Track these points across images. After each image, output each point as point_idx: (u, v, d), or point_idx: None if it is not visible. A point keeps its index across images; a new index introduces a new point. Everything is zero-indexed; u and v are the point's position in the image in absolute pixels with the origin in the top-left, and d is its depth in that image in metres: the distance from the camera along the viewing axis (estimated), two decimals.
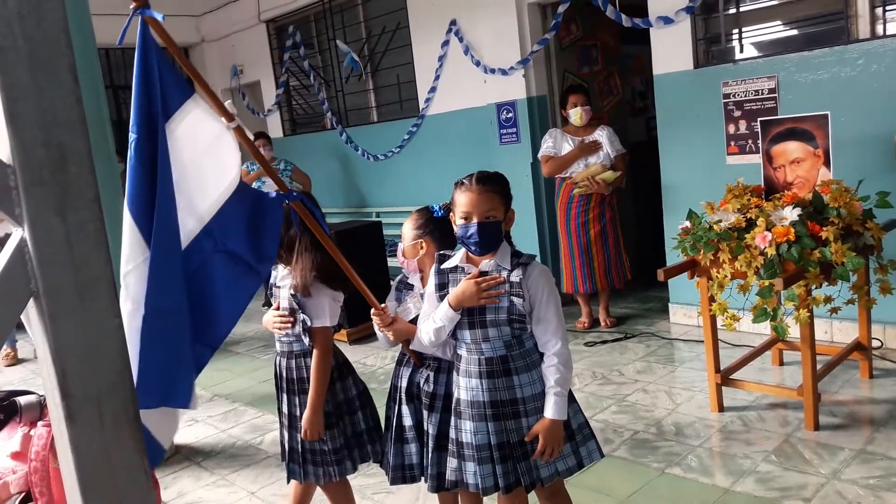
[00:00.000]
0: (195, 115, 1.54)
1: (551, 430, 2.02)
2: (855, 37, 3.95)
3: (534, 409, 2.05)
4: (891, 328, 4.01)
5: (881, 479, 2.75)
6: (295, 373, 2.44)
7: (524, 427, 2.05)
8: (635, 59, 6.39)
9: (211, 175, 1.57)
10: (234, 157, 1.60)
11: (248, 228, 1.65)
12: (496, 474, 2.05)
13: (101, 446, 0.89)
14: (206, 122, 1.56)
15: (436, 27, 6.09)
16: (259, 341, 5.80)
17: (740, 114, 4.38)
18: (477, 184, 2.03)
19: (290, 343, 2.44)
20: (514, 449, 2.05)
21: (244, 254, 1.64)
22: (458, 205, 2.05)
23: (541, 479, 2.09)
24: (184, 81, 1.56)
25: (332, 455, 2.43)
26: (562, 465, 2.10)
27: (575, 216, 4.97)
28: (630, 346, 4.66)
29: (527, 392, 2.05)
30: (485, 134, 5.87)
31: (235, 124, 1.59)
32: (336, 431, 2.43)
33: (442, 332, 2.08)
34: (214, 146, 1.57)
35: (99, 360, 0.89)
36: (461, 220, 2.04)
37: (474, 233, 2.01)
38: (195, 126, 1.54)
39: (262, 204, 1.71)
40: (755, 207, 3.21)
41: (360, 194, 7.40)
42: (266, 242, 1.70)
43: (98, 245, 0.89)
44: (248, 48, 8.24)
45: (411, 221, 2.32)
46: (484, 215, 2.01)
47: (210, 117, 1.57)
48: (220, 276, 1.62)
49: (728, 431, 3.31)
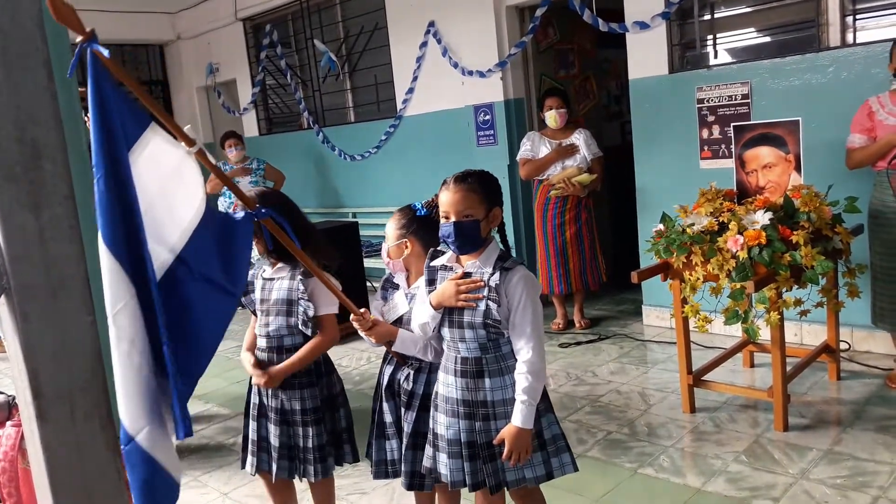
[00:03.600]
0: (155, 143, 1.51)
1: (517, 438, 2.00)
2: (826, 45, 4.03)
3: (503, 414, 2.04)
4: (858, 331, 4.08)
5: (848, 479, 2.81)
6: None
7: (493, 430, 2.04)
8: (611, 63, 6.45)
9: (178, 203, 1.55)
10: (198, 181, 1.57)
11: (219, 252, 1.63)
12: (465, 471, 2.07)
13: (72, 445, 0.89)
14: (166, 150, 1.53)
15: (414, 28, 6.09)
16: (232, 342, 5.75)
17: (714, 119, 4.44)
18: (455, 183, 2.03)
19: (281, 337, 2.41)
20: (481, 449, 2.06)
21: (218, 278, 1.62)
22: (440, 204, 2.06)
23: (506, 483, 2.09)
24: (140, 111, 1.53)
25: (317, 452, 2.43)
26: (529, 473, 2.09)
27: (551, 218, 5.00)
28: (604, 348, 4.69)
29: (496, 396, 2.04)
30: (462, 136, 5.88)
31: (196, 148, 1.57)
32: (323, 427, 2.44)
33: (426, 327, 2.09)
34: (178, 173, 1.55)
35: (71, 359, 0.89)
36: (442, 220, 2.05)
37: (451, 232, 2.01)
38: (156, 155, 1.52)
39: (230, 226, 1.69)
40: (727, 211, 3.25)
41: (336, 194, 7.37)
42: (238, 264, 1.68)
43: (72, 242, 0.88)
44: (225, 46, 8.17)
45: (395, 221, 2.32)
46: (461, 214, 2.01)
47: (170, 144, 1.54)
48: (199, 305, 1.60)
49: (700, 432, 3.36)
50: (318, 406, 2.43)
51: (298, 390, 2.43)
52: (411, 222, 2.29)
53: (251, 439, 2.52)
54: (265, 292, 2.46)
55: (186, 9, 8.42)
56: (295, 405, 2.43)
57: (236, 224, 1.68)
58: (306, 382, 2.43)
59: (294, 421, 2.43)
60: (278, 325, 2.41)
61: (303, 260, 2.04)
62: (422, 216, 2.29)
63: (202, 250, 1.57)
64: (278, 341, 2.42)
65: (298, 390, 2.43)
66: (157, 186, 1.51)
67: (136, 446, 1.40)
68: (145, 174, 1.49)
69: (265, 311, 2.45)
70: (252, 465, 2.51)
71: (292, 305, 2.38)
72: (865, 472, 2.84)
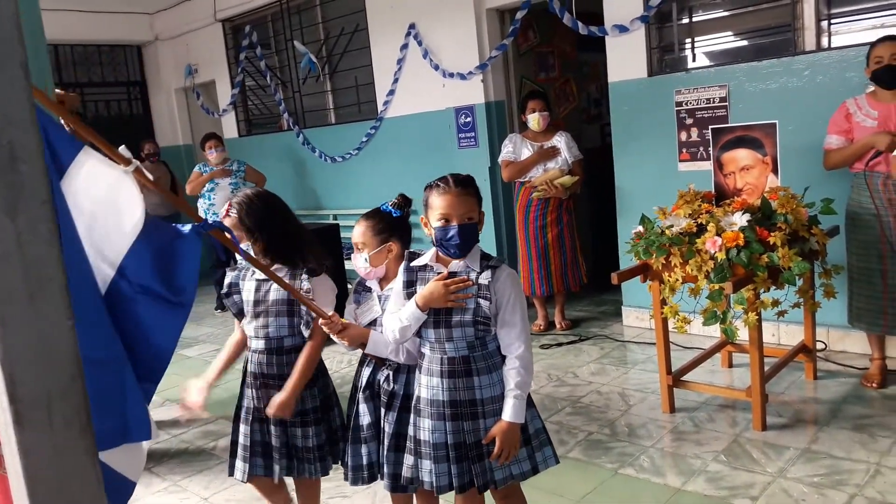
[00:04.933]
0: (89, 166, 1.54)
1: (508, 433, 2.03)
2: (802, 48, 4.08)
3: (492, 412, 2.06)
4: (834, 331, 4.14)
5: (825, 477, 2.84)
6: (286, 368, 2.38)
7: (481, 428, 2.06)
8: (591, 66, 6.49)
9: (113, 222, 1.58)
10: (136, 199, 1.59)
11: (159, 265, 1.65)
12: (451, 474, 2.07)
13: (50, 451, 0.87)
14: (100, 172, 1.56)
15: (395, 30, 6.08)
16: (211, 345, 5.71)
17: (692, 121, 4.48)
18: (456, 186, 2.03)
19: (281, 338, 2.38)
20: (469, 450, 2.06)
21: (159, 290, 1.64)
22: (435, 207, 2.03)
23: (494, 482, 2.10)
24: (70, 137, 1.56)
25: (316, 451, 2.43)
26: (516, 469, 2.11)
27: (533, 220, 5.02)
28: (585, 349, 4.72)
29: (486, 394, 2.06)
30: (443, 138, 5.89)
31: (133, 167, 1.58)
32: (322, 427, 2.44)
33: (407, 330, 2.07)
34: (114, 191, 1.58)
35: (50, 364, 0.87)
36: (438, 223, 2.03)
37: (455, 234, 2.00)
38: (90, 177, 1.54)
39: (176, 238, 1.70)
40: (706, 213, 3.28)
41: (316, 196, 7.35)
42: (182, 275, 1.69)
43: (50, 245, 0.87)
44: (204, 47, 8.12)
45: (370, 227, 2.28)
46: (463, 218, 2.01)
47: (104, 165, 1.57)
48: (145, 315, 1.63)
49: (679, 432, 3.38)
50: (317, 406, 2.44)
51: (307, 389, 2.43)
52: (390, 226, 2.28)
53: (242, 444, 2.49)
54: (260, 294, 2.41)
55: (165, 9, 8.35)
56: (309, 403, 2.44)
57: (183, 236, 1.69)
58: (306, 384, 2.43)
59: (293, 422, 2.42)
60: (278, 326, 2.38)
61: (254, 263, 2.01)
62: (398, 217, 2.29)
63: (141, 263, 1.60)
64: (278, 342, 2.39)
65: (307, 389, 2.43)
66: (92, 207, 1.55)
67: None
68: (80, 195, 1.53)
69: (262, 313, 2.41)
70: (243, 471, 2.47)
71: (294, 305, 2.35)
72: (842, 470, 2.88)
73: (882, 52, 3.36)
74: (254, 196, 2.42)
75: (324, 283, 2.38)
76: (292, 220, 2.46)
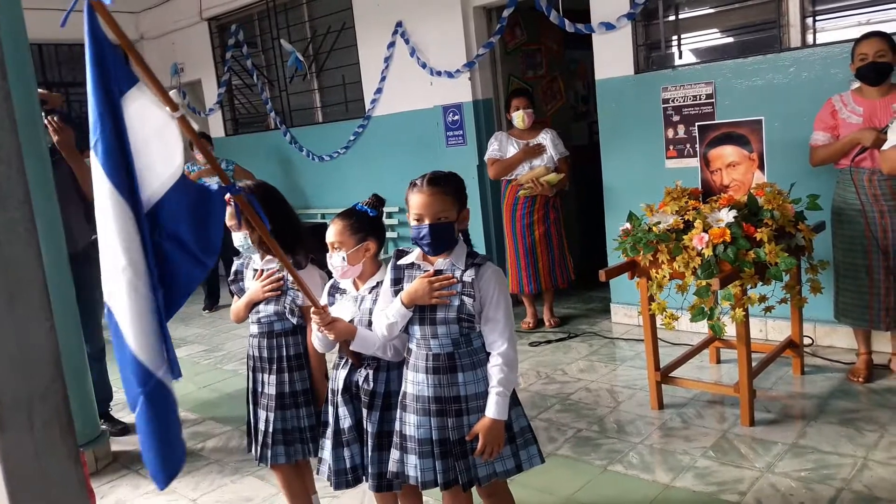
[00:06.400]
0: (141, 102, 1.55)
1: (492, 430, 2.03)
2: (787, 45, 4.10)
3: (476, 408, 2.06)
4: (821, 326, 4.16)
5: (812, 472, 2.86)
6: (278, 351, 2.49)
7: (465, 425, 2.06)
8: (578, 63, 6.50)
9: (158, 160, 1.59)
10: (179, 146, 1.61)
11: (191, 218, 1.67)
12: (436, 470, 2.07)
13: (31, 454, 0.86)
14: (151, 111, 1.58)
15: (382, 28, 6.07)
16: (199, 346, 5.68)
17: (679, 118, 4.50)
18: (428, 185, 2.04)
19: (271, 322, 2.49)
20: (453, 446, 2.07)
21: (189, 242, 1.65)
22: (411, 206, 2.07)
23: (478, 479, 2.10)
24: (128, 69, 1.56)
25: (308, 432, 2.49)
26: (500, 467, 2.11)
27: (520, 217, 5.02)
28: (573, 346, 4.73)
29: (470, 390, 2.06)
30: (431, 136, 5.88)
31: (180, 114, 1.59)
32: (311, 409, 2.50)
33: (394, 327, 2.09)
34: (160, 133, 1.59)
35: (30, 365, 0.86)
36: (414, 221, 2.06)
37: (426, 234, 2.02)
38: (141, 113, 1.56)
39: (204, 196, 1.72)
40: (693, 210, 3.29)
41: (303, 195, 7.32)
42: (211, 234, 1.71)
43: (29, 246, 0.86)
44: (190, 46, 8.07)
45: (347, 227, 2.27)
46: (435, 217, 2.02)
47: (155, 106, 1.58)
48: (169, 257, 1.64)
49: (668, 428, 3.39)
50: (307, 388, 2.50)
51: (289, 373, 2.49)
52: (366, 225, 2.29)
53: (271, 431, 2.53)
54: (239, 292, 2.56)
55: (150, 8, 8.30)
56: (287, 388, 2.49)
57: (211, 196, 1.71)
58: (296, 365, 2.49)
59: (285, 404, 2.49)
60: (268, 312, 2.49)
61: (267, 240, 2.02)
62: (374, 216, 2.30)
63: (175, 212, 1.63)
64: (269, 327, 2.50)
65: (289, 373, 2.49)
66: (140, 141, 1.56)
67: (158, 382, 1.48)
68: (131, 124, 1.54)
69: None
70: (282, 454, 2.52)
71: (281, 293, 2.46)
72: (829, 464, 2.90)
73: (866, 48, 3.38)
74: (255, 187, 2.48)
75: (311, 276, 2.44)
76: (290, 213, 2.54)
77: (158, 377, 1.52)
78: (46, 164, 3.39)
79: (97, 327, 3.91)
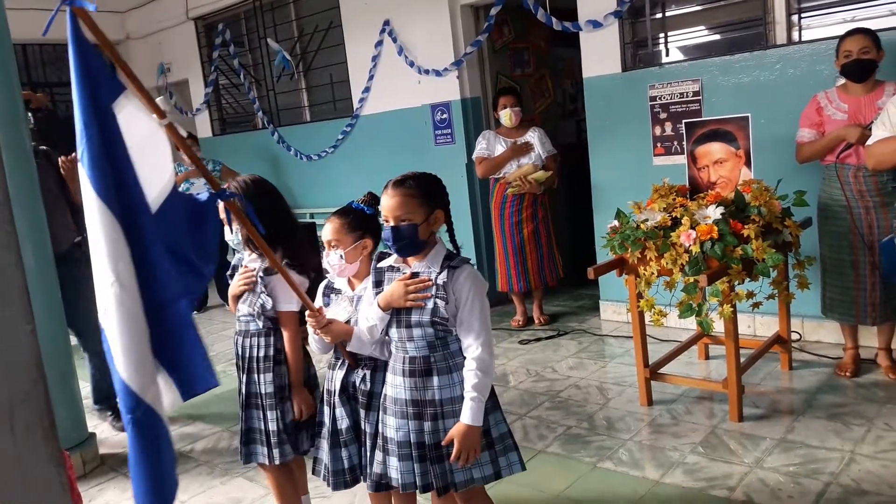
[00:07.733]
0: (128, 111, 1.52)
1: (467, 436, 1.99)
2: (773, 42, 4.12)
3: (451, 412, 2.03)
4: (808, 321, 4.19)
5: (800, 466, 2.88)
6: (250, 351, 2.49)
7: (441, 430, 2.03)
8: (566, 61, 6.50)
9: (148, 170, 1.56)
10: (168, 155, 1.58)
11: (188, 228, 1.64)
12: (415, 472, 2.06)
13: (12, 459, 0.86)
14: (139, 119, 1.54)
15: (369, 27, 6.05)
16: None
17: (666, 116, 4.51)
18: (393, 187, 2.04)
19: (248, 322, 2.50)
20: (429, 450, 2.05)
21: (188, 253, 1.63)
22: (381, 208, 2.08)
23: (454, 484, 2.06)
24: (114, 77, 1.52)
25: (273, 436, 2.45)
26: (477, 473, 2.07)
27: (509, 216, 5.03)
28: (563, 343, 4.73)
29: (444, 394, 2.03)
30: (420, 135, 5.87)
31: (167, 121, 1.56)
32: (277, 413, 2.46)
33: (374, 330, 2.09)
34: (150, 142, 1.55)
35: (10, 369, 0.85)
36: (384, 223, 2.07)
37: (389, 236, 2.03)
38: (130, 121, 1.52)
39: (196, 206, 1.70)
40: (680, 207, 3.30)
41: (292, 195, 7.29)
42: (208, 242, 1.69)
43: (9, 249, 0.85)
44: (176, 46, 8.02)
45: (344, 224, 2.27)
46: (398, 219, 2.01)
47: (142, 114, 1.54)
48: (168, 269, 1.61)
49: (657, 424, 3.40)
50: (272, 392, 2.46)
51: (256, 374, 2.48)
52: (363, 222, 2.28)
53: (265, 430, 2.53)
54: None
55: (136, 8, 8.24)
56: (253, 388, 2.49)
57: (203, 204, 1.69)
58: (263, 368, 2.47)
59: (250, 404, 2.50)
60: (244, 312, 2.50)
61: (259, 243, 2.02)
62: (370, 214, 2.29)
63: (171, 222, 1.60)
64: (245, 325, 2.51)
65: (256, 374, 2.48)
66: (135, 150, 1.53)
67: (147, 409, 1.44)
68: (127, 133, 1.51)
69: (238, 298, 2.54)
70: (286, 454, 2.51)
71: (249, 294, 2.46)
72: (817, 459, 2.92)
73: (850, 45, 3.40)
74: (250, 182, 2.47)
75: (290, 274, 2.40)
76: (284, 210, 2.53)
77: (147, 403, 1.47)
78: (31, 164, 3.36)
79: (94, 323, 3.88)
